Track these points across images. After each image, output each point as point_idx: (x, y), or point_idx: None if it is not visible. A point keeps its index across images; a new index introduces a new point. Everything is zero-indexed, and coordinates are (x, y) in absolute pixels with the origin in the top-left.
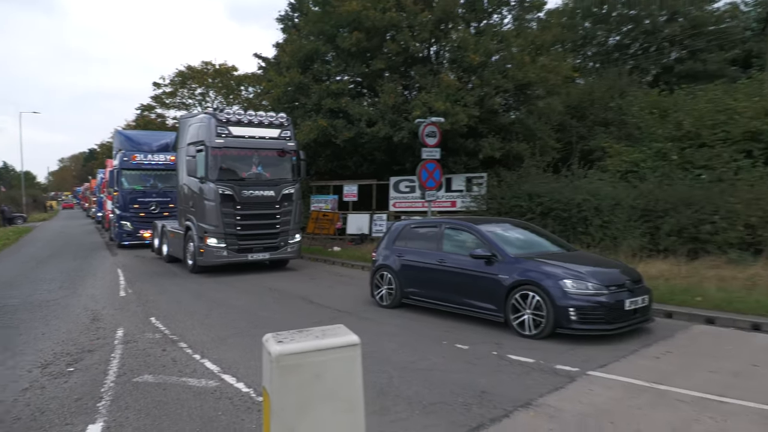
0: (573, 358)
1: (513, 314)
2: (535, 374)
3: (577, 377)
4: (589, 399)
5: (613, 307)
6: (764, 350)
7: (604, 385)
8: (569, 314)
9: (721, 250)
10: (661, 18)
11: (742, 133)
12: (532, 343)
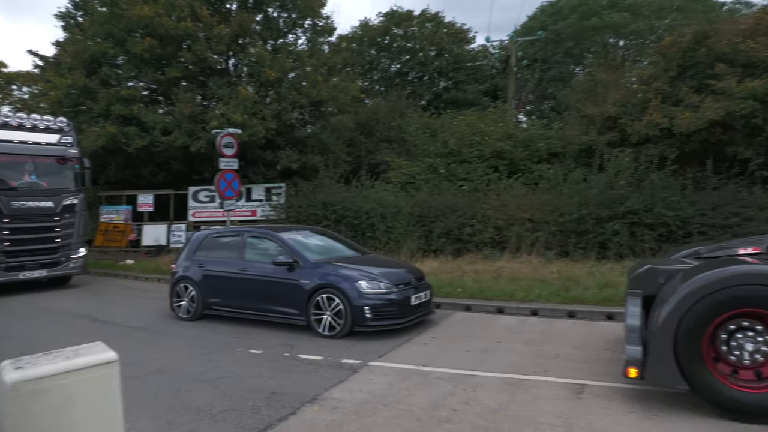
0: (357, 351)
1: (314, 317)
2: (322, 370)
3: (359, 369)
4: (369, 387)
5: (402, 303)
6: (506, 328)
7: (381, 372)
8: (365, 313)
9: (478, 248)
10: (431, 52)
11: (491, 151)
12: (323, 342)
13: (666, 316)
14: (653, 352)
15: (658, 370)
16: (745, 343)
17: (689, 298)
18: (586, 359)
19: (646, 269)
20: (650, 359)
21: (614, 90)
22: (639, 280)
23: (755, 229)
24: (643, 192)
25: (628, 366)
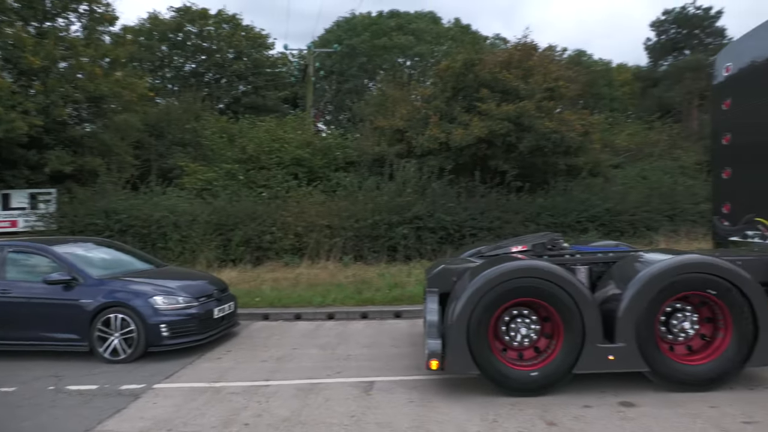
0: (140, 374)
1: (99, 341)
2: (96, 401)
3: (142, 394)
4: (152, 413)
5: (203, 317)
6: (303, 334)
7: (167, 395)
8: (161, 331)
9: (278, 255)
10: (229, 54)
11: (291, 159)
12: (101, 368)
13: (460, 310)
14: (451, 344)
15: (455, 360)
16: (521, 327)
17: (477, 292)
18: (375, 357)
19: (440, 269)
20: (448, 350)
21: (402, 106)
22: (435, 279)
23: (513, 230)
24: (426, 199)
25: (430, 359)
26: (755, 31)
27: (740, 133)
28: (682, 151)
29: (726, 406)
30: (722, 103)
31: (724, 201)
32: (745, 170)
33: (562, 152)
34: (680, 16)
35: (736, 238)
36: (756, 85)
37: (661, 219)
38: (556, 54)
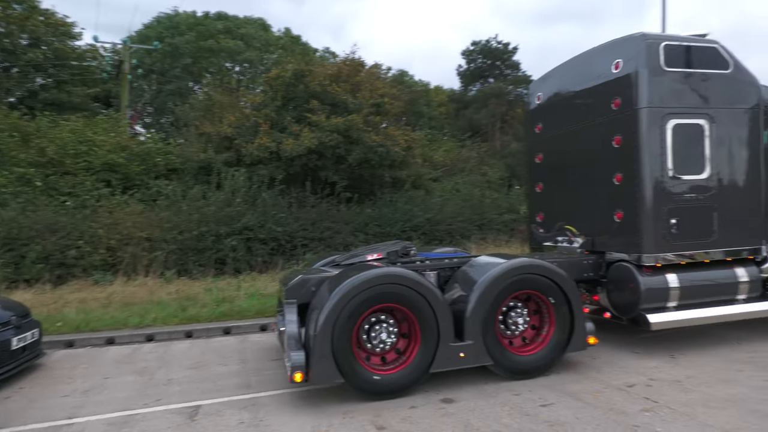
0: None
1: None
2: None
3: None
4: None
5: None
6: (117, 361)
7: None
8: None
9: (87, 273)
10: (22, 40)
11: (102, 164)
12: None
13: (324, 320)
14: (316, 355)
15: (320, 371)
16: (381, 333)
17: (341, 301)
18: (201, 378)
19: (299, 279)
20: (313, 361)
21: (230, 112)
22: (294, 289)
23: (343, 239)
24: (257, 209)
25: (294, 372)
26: (559, 67)
27: (549, 154)
28: (488, 167)
29: (526, 393)
30: (535, 127)
31: (538, 211)
32: (553, 185)
33: (388, 165)
34: (485, 48)
35: (549, 243)
36: (557, 115)
37: (472, 228)
38: (382, 72)
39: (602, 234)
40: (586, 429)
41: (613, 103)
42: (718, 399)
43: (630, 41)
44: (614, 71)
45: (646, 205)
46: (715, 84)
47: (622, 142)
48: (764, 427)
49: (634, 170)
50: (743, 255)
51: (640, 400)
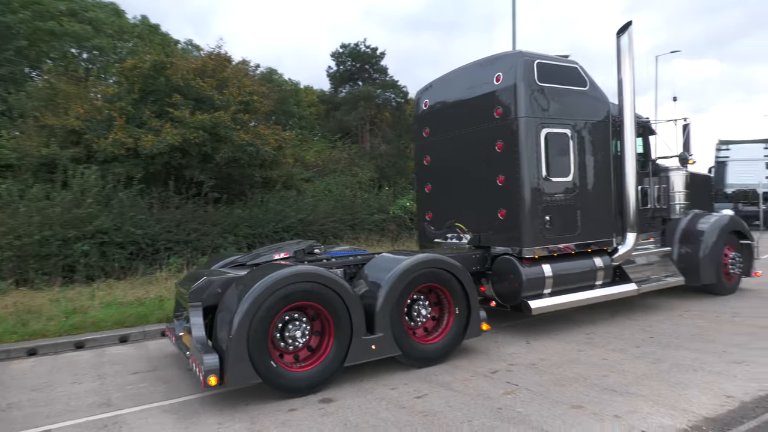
0: None
1: None
2: None
3: None
4: None
5: None
6: None
7: None
8: None
9: None
10: None
11: None
12: None
13: (239, 322)
14: (231, 356)
15: (237, 372)
16: (295, 331)
17: (257, 301)
18: (48, 401)
19: (204, 282)
20: (229, 363)
21: (77, 103)
22: (198, 292)
23: (211, 242)
24: (113, 211)
25: (208, 375)
26: (444, 77)
27: (436, 156)
28: (359, 168)
29: (402, 386)
30: (423, 131)
31: (427, 210)
32: (441, 186)
33: (258, 165)
34: (354, 51)
35: (439, 239)
36: (443, 121)
37: (344, 228)
38: (250, 69)
39: (487, 230)
40: (457, 415)
41: (495, 112)
42: (567, 378)
43: (509, 57)
44: (495, 83)
45: (526, 204)
46: (576, 99)
47: (504, 147)
48: (604, 399)
49: (515, 173)
50: (599, 246)
51: (502, 384)
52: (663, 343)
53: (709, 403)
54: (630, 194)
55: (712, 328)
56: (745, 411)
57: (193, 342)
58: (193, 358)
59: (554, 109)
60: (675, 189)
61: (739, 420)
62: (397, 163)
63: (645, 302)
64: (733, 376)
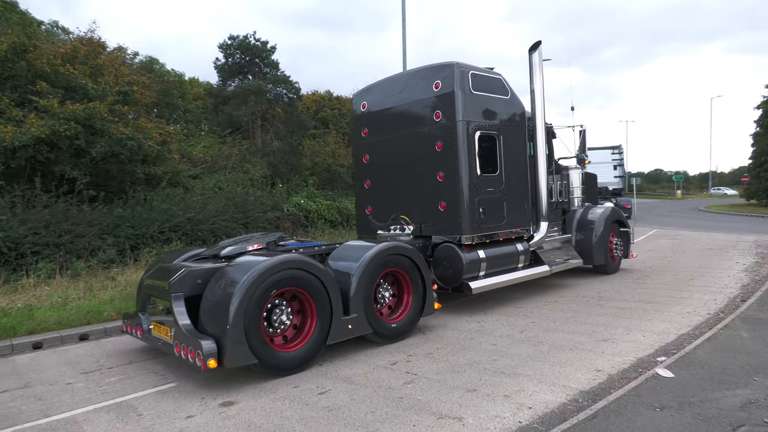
0: None
1: None
2: None
3: None
4: None
5: None
6: None
7: None
8: None
9: None
10: None
11: None
12: None
13: (237, 307)
14: (231, 340)
15: (236, 354)
16: (282, 315)
17: (251, 288)
18: None
19: (185, 273)
20: (228, 346)
21: None
22: (180, 283)
23: (88, 243)
24: None
25: (208, 359)
26: (382, 81)
27: (375, 155)
28: (251, 165)
29: (304, 384)
30: (362, 131)
31: (367, 204)
32: (380, 181)
33: (140, 160)
34: (243, 44)
35: (381, 231)
36: (383, 122)
37: (237, 227)
38: (128, 57)
39: (428, 221)
40: (361, 407)
41: (434, 115)
42: (461, 364)
43: (447, 67)
44: (435, 90)
45: (464, 197)
46: (501, 106)
47: (443, 146)
48: (495, 382)
49: (454, 170)
50: (520, 234)
51: (402, 374)
52: (543, 327)
53: (584, 377)
54: (542, 189)
55: (583, 311)
56: (612, 382)
57: (182, 331)
58: (180, 345)
59: (485, 114)
60: (573, 185)
61: (607, 390)
62: (290, 160)
63: (526, 291)
64: (601, 353)
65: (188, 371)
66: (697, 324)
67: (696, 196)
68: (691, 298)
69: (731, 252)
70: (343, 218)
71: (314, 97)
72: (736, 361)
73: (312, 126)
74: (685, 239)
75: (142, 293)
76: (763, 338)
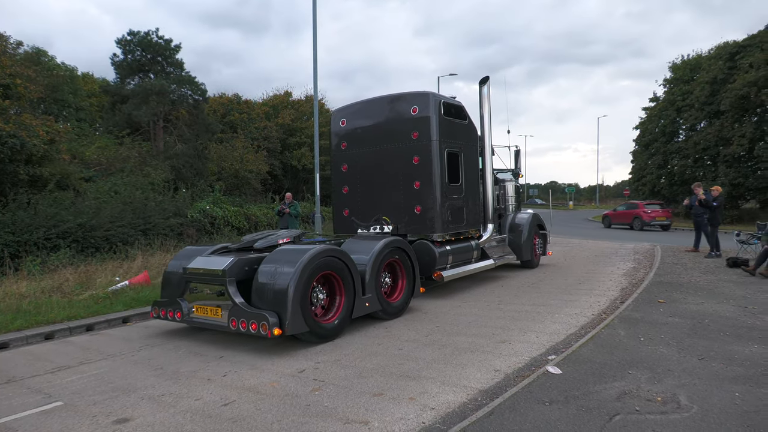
0: None
1: None
2: None
3: None
4: None
5: None
6: None
7: None
8: None
9: None
10: None
11: None
12: None
13: (294, 286)
14: (291, 311)
15: (295, 323)
16: (318, 293)
17: (304, 270)
18: None
19: (236, 260)
20: (289, 317)
21: None
22: (233, 270)
23: None
24: None
25: (273, 327)
26: (362, 102)
27: (354, 165)
28: (151, 168)
29: (207, 396)
30: (341, 144)
31: (345, 207)
32: (358, 188)
33: (24, 160)
34: (145, 41)
35: (362, 231)
36: (363, 137)
37: (135, 233)
38: (10, 46)
39: (404, 222)
40: (267, 417)
41: (412, 135)
42: (368, 369)
43: (424, 96)
44: (412, 113)
45: (437, 203)
46: (461, 129)
47: (419, 160)
48: (401, 385)
49: (429, 180)
50: (473, 234)
51: (310, 381)
52: (447, 331)
53: (483, 378)
54: (489, 197)
55: (483, 315)
56: (509, 381)
57: (241, 308)
58: (238, 320)
59: (451, 135)
60: (509, 194)
61: (504, 388)
62: (195, 164)
63: (433, 298)
64: (499, 354)
65: (79, 386)
66: (583, 324)
67: (585, 207)
68: (578, 300)
69: (614, 258)
70: (252, 225)
71: (222, 100)
72: (614, 357)
73: (219, 130)
74: (575, 247)
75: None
76: (637, 335)
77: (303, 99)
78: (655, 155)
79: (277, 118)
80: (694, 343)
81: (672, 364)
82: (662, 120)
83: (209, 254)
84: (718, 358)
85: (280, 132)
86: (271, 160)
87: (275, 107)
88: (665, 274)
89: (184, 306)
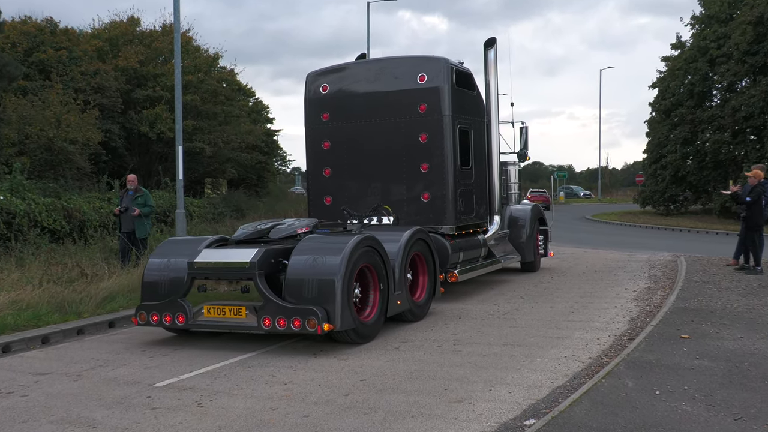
0: None
1: None
2: None
3: None
4: None
5: None
6: None
7: None
8: None
9: None
10: None
11: None
12: None
13: (340, 281)
14: (340, 307)
15: (344, 319)
16: (355, 289)
17: (348, 263)
18: None
19: (264, 252)
20: (340, 313)
21: None
22: (261, 263)
23: None
24: None
25: (323, 323)
26: (351, 65)
27: (339, 142)
28: None
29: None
30: (321, 115)
31: (326, 195)
32: (344, 170)
33: None
34: None
35: (356, 221)
36: (350, 108)
37: None
38: None
39: (408, 212)
40: None
41: (419, 107)
42: None
43: (434, 61)
44: (419, 82)
45: (449, 189)
46: (471, 101)
47: (428, 138)
48: None
49: (440, 162)
50: (481, 227)
51: None
52: (377, 386)
53: None
54: (495, 183)
55: (433, 361)
56: None
57: (278, 303)
58: (273, 318)
59: (463, 110)
60: (512, 180)
61: None
62: None
63: None
64: (454, 419)
65: None
66: (576, 372)
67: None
68: (570, 337)
69: (620, 275)
70: (75, 226)
71: (26, 28)
72: (618, 420)
73: (21, 74)
74: (567, 258)
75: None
76: (651, 387)
77: (158, 29)
78: (680, 126)
79: (116, 58)
80: (729, 396)
81: (698, 428)
82: (689, 76)
83: (216, 246)
84: (762, 418)
85: (121, 80)
86: (107, 125)
87: (113, 41)
88: (691, 298)
89: (188, 307)
